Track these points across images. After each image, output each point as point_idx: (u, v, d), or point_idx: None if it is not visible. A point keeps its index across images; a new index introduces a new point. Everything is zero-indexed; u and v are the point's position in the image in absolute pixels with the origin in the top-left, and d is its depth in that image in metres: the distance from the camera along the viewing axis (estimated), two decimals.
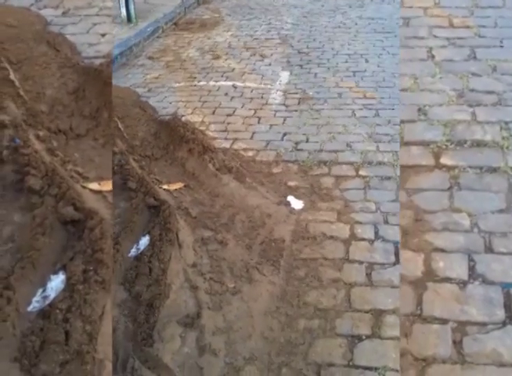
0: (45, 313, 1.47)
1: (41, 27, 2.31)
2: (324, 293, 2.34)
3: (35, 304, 1.48)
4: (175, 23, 6.81)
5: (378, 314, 2.22)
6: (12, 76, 1.92)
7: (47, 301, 1.50)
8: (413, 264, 2.16)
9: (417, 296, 2.07)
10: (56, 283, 1.55)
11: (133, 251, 2.41)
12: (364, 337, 2.12)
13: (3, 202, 1.61)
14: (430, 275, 2.13)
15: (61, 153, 1.87)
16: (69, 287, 1.51)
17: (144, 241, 2.46)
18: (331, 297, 2.31)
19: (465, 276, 2.12)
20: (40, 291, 1.51)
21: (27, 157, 1.69)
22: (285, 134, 3.87)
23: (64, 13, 3.13)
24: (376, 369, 2.00)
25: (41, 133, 1.80)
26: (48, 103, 1.98)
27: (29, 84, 1.94)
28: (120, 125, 3.20)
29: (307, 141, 3.75)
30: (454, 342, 1.93)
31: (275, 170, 3.40)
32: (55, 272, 1.55)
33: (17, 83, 1.92)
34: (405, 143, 2.60)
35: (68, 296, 1.51)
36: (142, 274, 2.27)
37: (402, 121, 2.71)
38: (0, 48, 1.95)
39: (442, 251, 2.21)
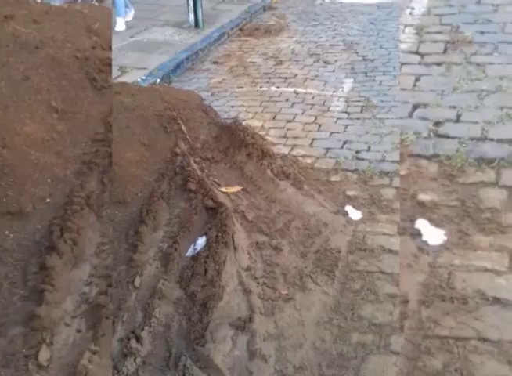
0: (194, 258, 2.44)
1: (199, 101, 3.79)
2: (380, 308, 2.26)
3: (189, 252, 2.48)
4: (241, 29, 6.93)
5: None
6: (183, 128, 3.29)
7: (196, 251, 2.47)
8: None
9: None
10: (201, 241, 2.52)
11: (190, 251, 2.47)
12: None
13: (175, 196, 2.85)
14: None
15: (207, 171, 3.10)
16: (207, 244, 2.50)
17: (201, 242, 2.51)
18: (387, 312, 2.23)
19: None
20: (192, 245, 2.50)
21: (188, 171, 2.96)
22: (345, 142, 3.80)
23: (212, 94, 4.84)
24: None
25: (196, 159, 3.14)
26: (202, 143, 3.33)
27: (191, 133, 3.31)
28: (183, 128, 3.29)
29: (368, 150, 3.66)
30: None
31: (333, 178, 3.34)
32: (201, 236, 2.56)
33: (185, 131, 3.28)
34: None
35: (207, 249, 2.46)
36: (198, 274, 2.32)
37: None
38: (177, 113, 3.34)
39: None
